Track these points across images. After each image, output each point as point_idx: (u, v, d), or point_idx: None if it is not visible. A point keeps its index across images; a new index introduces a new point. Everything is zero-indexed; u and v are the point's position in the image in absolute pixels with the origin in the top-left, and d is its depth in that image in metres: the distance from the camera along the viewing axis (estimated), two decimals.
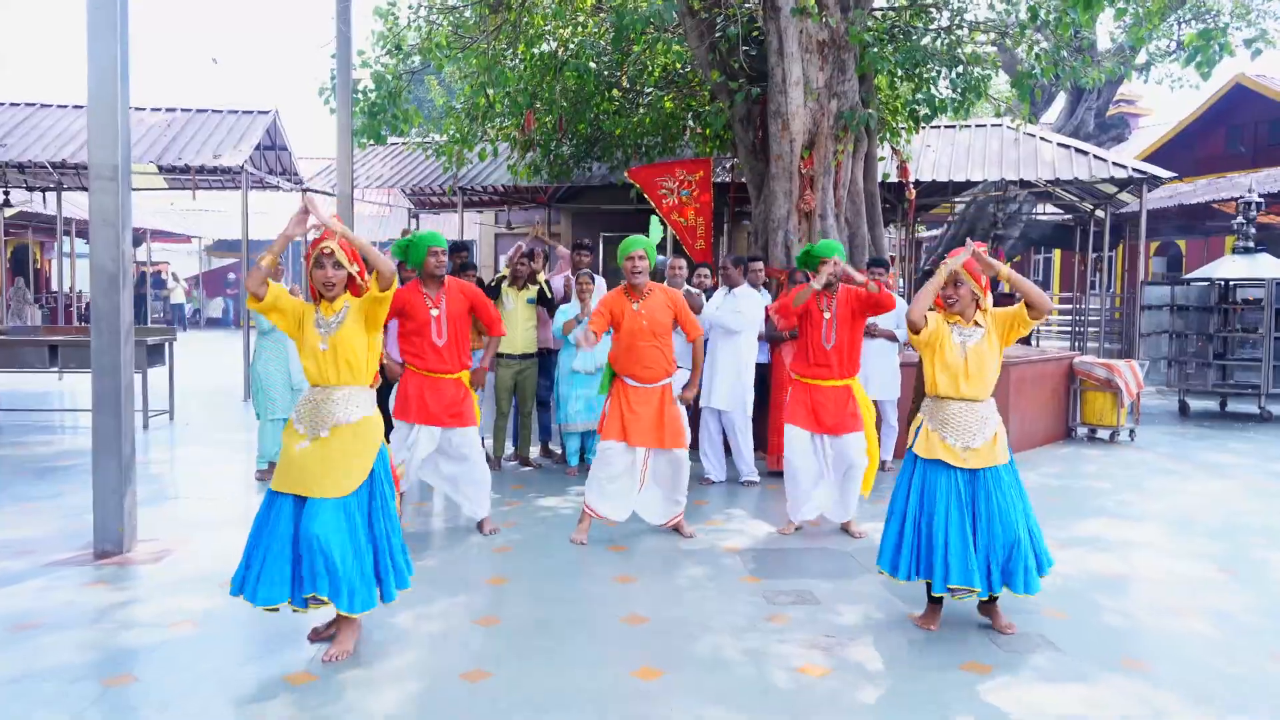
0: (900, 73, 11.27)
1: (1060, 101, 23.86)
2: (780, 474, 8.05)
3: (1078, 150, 14.13)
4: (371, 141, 12.53)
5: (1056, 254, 33.01)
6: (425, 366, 6.26)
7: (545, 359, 9.04)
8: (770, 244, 10.74)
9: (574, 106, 12.32)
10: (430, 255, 6.23)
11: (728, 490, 7.91)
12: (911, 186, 12.93)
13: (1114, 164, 13.58)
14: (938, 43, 10.72)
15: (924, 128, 12.98)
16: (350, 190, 11.53)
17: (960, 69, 10.70)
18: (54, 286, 33.05)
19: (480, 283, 8.89)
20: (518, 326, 8.56)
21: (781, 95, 10.30)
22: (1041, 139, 14.66)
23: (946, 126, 15.19)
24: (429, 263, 6.25)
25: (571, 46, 11.65)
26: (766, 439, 8.68)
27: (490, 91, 11.74)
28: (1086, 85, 12.17)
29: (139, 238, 32.96)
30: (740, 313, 7.92)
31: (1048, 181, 15.64)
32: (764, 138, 10.98)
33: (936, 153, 14.63)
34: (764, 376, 8.50)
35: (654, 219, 6.57)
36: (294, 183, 16.52)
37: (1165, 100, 65.36)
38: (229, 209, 39.04)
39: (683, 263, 8.59)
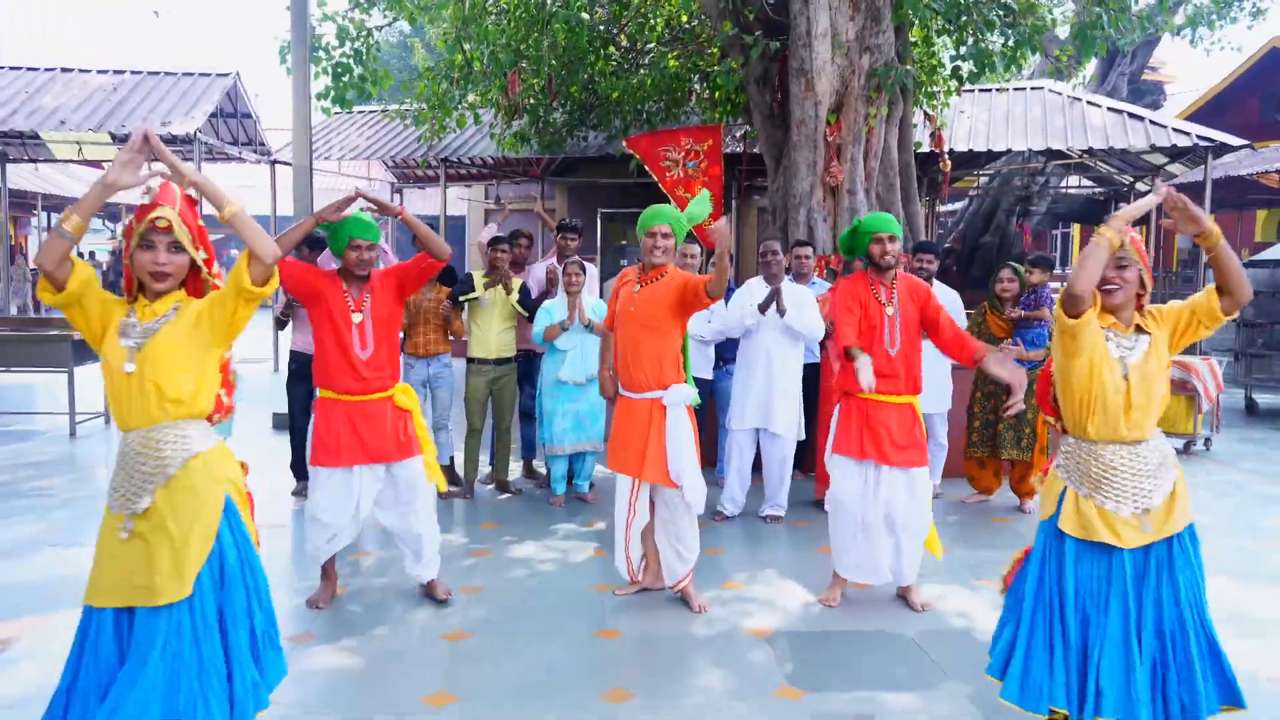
0: (941, 24, 9.77)
1: (1091, 66, 22.30)
2: (821, 506, 6.72)
3: (1131, 115, 12.61)
4: (337, 107, 11.06)
5: (1075, 229, 31.42)
6: (345, 388, 4.80)
7: (527, 362, 7.61)
8: (790, 224, 9.29)
9: (565, 66, 10.79)
10: (351, 249, 4.76)
11: (745, 531, 6.49)
12: (946, 157, 11.43)
13: (1174, 129, 12.05)
14: None
15: (963, 90, 11.46)
16: (308, 162, 10.05)
17: (1011, 19, 9.17)
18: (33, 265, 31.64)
19: (449, 270, 7.45)
20: (492, 326, 7.12)
21: (805, 49, 8.80)
22: (1089, 103, 13.14)
23: (981, 90, 13.66)
24: (349, 258, 4.78)
25: None
26: (811, 460, 7.27)
27: (467, 47, 10.21)
28: (1125, 46, 10.66)
29: (115, 214, 31.49)
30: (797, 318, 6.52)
31: (1082, 152, 14.12)
32: (784, 100, 9.50)
33: (971, 119, 13.12)
34: (809, 379, 7.05)
35: (703, 192, 5.08)
36: (260, 154, 15.03)
37: (1193, 67, 63.14)
38: (243, 182, 37.57)
39: (696, 249, 7.15)
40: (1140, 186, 17.03)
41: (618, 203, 16.50)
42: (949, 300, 6.99)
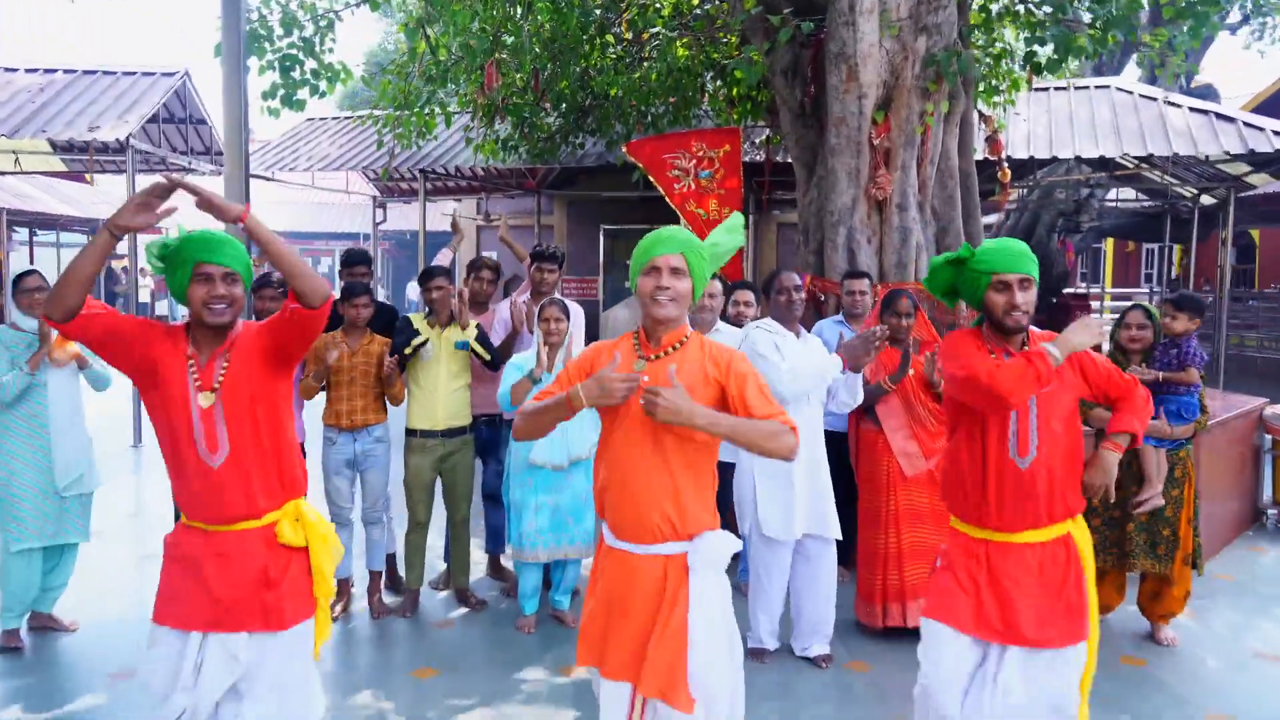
0: (1009, 2, 8.00)
1: (1133, 69, 20.53)
2: (869, 630, 4.96)
3: (1220, 116, 10.78)
4: (286, 108, 9.31)
5: (1108, 244, 29.51)
6: (195, 512, 3.06)
7: (490, 429, 5.83)
8: (827, 246, 7.53)
9: (553, 57, 9.03)
10: (197, 282, 2.98)
11: (789, 680, 4.66)
12: (1005, 166, 9.63)
13: (1275, 133, 10.19)
14: None
15: (1032, 88, 9.67)
16: (242, 172, 8.26)
17: None
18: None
19: (382, 311, 5.68)
20: (439, 385, 5.34)
21: (848, 29, 7.05)
22: (1168, 103, 11.31)
23: (1038, 89, 11.85)
24: (193, 298, 3.01)
25: None
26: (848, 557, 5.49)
27: (431, 33, 8.44)
28: (1196, 45, 8.87)
29: (97, 229, 29.81)
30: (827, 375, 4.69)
31: (1138, 160, 12.30)
32: (818, 95, 7.75)
33: (1029, 122, 11.30)
34: (837, 451, 5.26)
35: (735, 216, 3.25)
36: (217, 164, 13.29)
37: (1232, 73, 60.70)
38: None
39: (718, 285, 5.39)
40: (1206, 200, 15.20)
41: (623, 218, 14.75)
42: None
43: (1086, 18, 7.71)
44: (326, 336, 5.29)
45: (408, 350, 5.22)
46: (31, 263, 30.75)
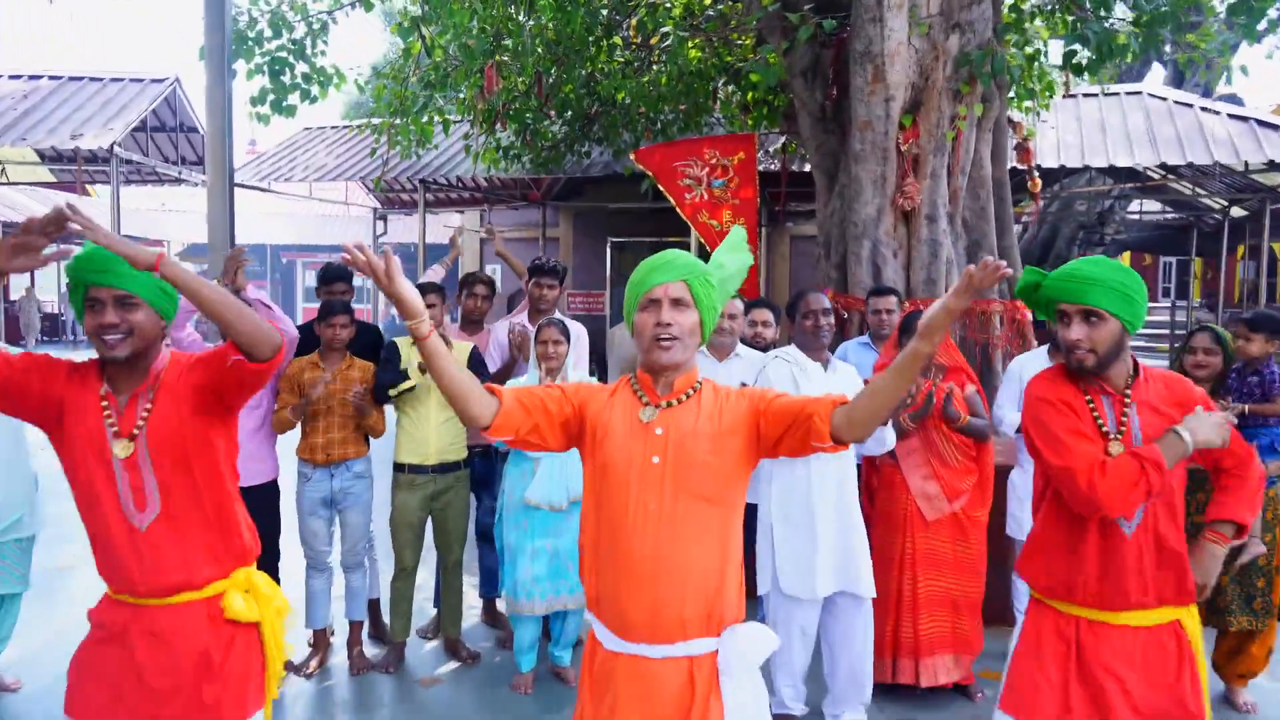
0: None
1: (1156, 74, 20.01)
2: (896, 690, 4.42)
3: (1262, 123, 10.23)
4: (276, 114, 8.82)
5: (1125, 259, 28.91)
6: (121, 583, 2.55)
7: (485, 463, 5.30)
8: (850, 259, 7.00)
9: (556, 60, 8.52)
10: (89, 308, 2.44)
11: None
12: (1035, 176, 9.10)
13: None
14: None
15: (1069, 92, 9.13)
16: (225, 182, 7.76)
17: None
18: (10, 296, 29.85)
19: (366, 332, 5.16)
20: (430, 415, 4.81)
21: (874, 26, 6.52)
22: (1204, 110, 10.76)
23: (1066, 95, 11.31)
24: (87, 327, 2.47)
25: None
26: None
27: (426, 32, 7.93)
28: (1252, 43, 8.31)
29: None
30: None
31: (1165, 169, 11.76)
32: (840, 98, 7.22)
33: (1058, 130, 10.76)
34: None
35: (737, 230, 2.70)
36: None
37: (1254, 82, 59.94)
38: (199, 208, 35.70)
39: (736, 305, 4.85)
40: (1236, 212, 14.65)
41: (630, 230, 14.26)
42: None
43: (1122, 16, 7.18)
44: (302, 361, 4.77)
45: (393, 393, 4.69)
46: (33, 279, 30.45)
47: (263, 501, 4.67)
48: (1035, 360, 5.09)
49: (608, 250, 14.87)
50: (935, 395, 4.41)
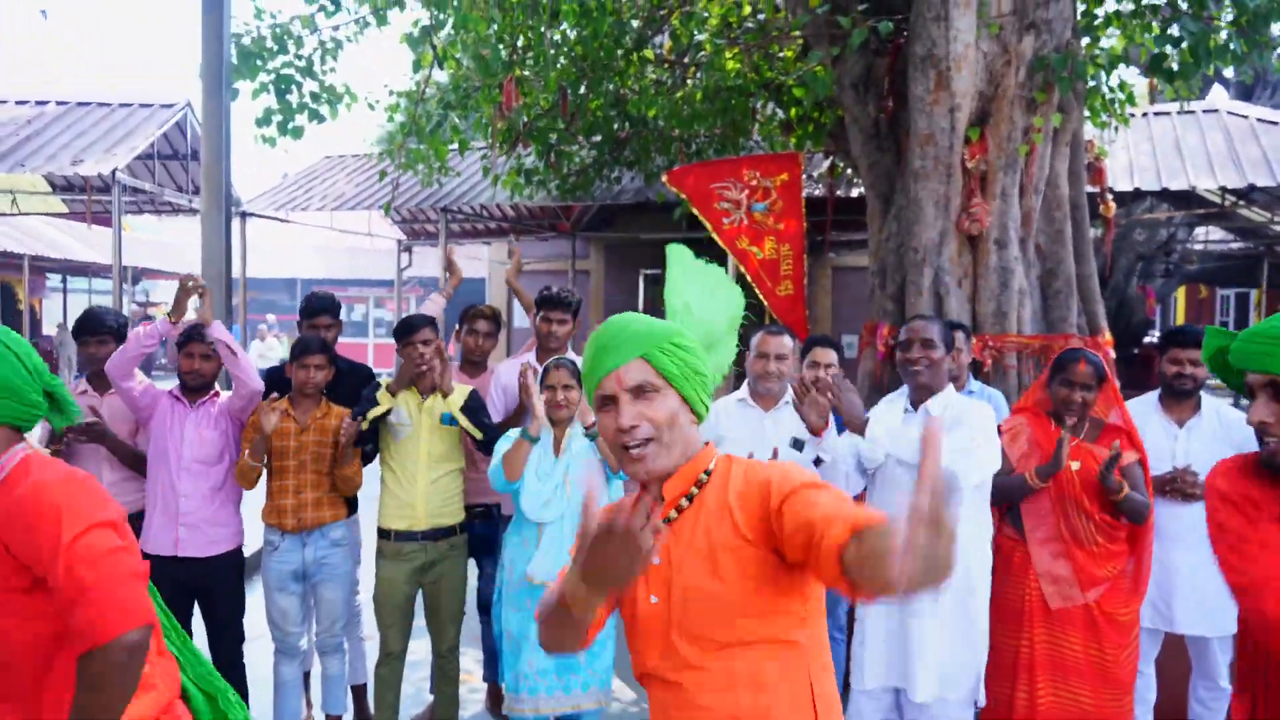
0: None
1: (1218, 95, 19.06)
2: None
3: None
4: (283, 136, 8.21)
5: (1181, 292, 27.84)
6: None
7: (485, 525, 4.53)
8: (909, 289, 6.23)
9: (582, 75, 7.83)
10: None
11: None
12: (1109, 199, 8.28)
13: None
14: None
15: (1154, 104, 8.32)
16: (221, 210, 7.10)
17: None
18: (44, 330, 29.71)
19: (353, 372, 4.44)
20: (420, 474, 4.05)
21: (938, 25, 5.77)
22: None
23: (1139, 114, 10.50)
24: None
25: None
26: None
27: (438, 40, 7.27)
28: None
29: (135, 275, 29.14)
30: (967, 453, 3.34)
31: (1235, 196, 10.88)
32: (897, 110, 6.47)
33: (1130, 150, 9.93)
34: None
35: (676, 251, 2.09)
36: None
37: None
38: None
39: (787, 343, 4.05)
40: None
41: (665, 262, 13.56)
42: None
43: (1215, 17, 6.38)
44: (263, 404, 4.03)
45: (364, 424, 3.94)
46: (65, 311, 30.28)
47: (223, 574, 3.97)
48: (1138, 410, 4.27)
49: (640, 283, 14.19)
50: (1082, 453, 3.59)
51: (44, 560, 1.69)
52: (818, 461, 3.69)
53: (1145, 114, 10.65)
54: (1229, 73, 14.32)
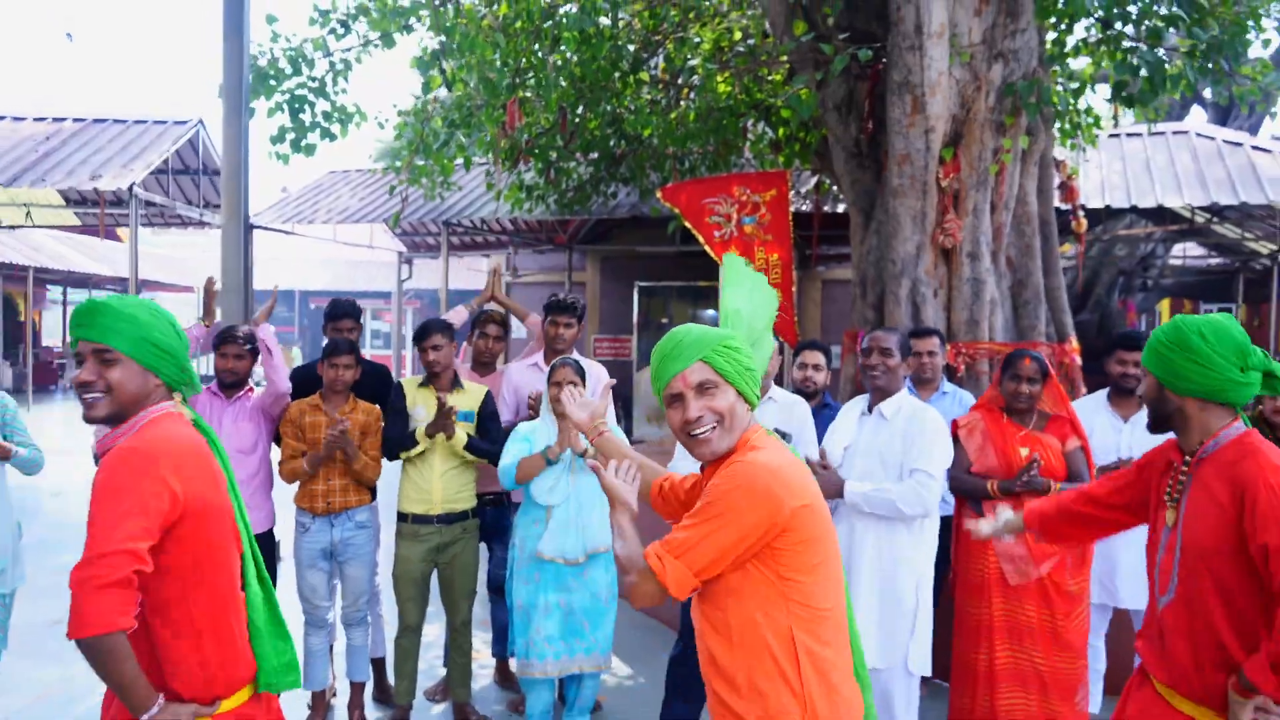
0: (1093, 27, 7.15)
1: (1195, 116, 19.55)
2: None
3: None
4: (296, 154, 8.62)
5: (1164, 305, 28.30)
6: None
7: (495, 512, 4.94)
8: (887, 299, 6.66)
9: (581, 95, 8.28)
10: (76, 363, 2.22)
11: None
12: (1080, 216, 8.71)
13: None
14: None
15: (1116, 127, 8.78)
16: (239, 223, 7.53)
17: (1198, 16, 6.50)
18: (44, 341, 30.04)
19: (374, 374, 4.86)
20: (435, 463, 4.47)
21: (913, 54, 6.22)
22: (1255, 148, 10.37)
23: (1110, 135, 10.97)
24: (73, 384, 2.25)
25: (575, 1, 7.64)
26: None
27: (447, 65, 7.71)
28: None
29: (135, 288, 29.47)
30: (924, 476, 3.75)
31: (1209, 213, 11.34)
32: (876, 131, 6.91)
33: (1103, 169, 10.39)
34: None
35: (732, 262, 2.45)
36: None
37: None
38: (214, 254, 35.95)
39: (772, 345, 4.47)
40: None
41: (658, 274, 14.03)
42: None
43: (1173, 47, 6.85)
44: (303, 403, 4.46)
45: (403, 456, 4.38)
46: (64, 323, 30.56)
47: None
48: (1089, 406, 4.72)
49: (635, 295, 14.60)
50: (1039, 447, 4.06)
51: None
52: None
53: (1118, 135, 11.12)
54: (1208, 93, 14.82)
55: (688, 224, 7.63)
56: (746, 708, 2.03)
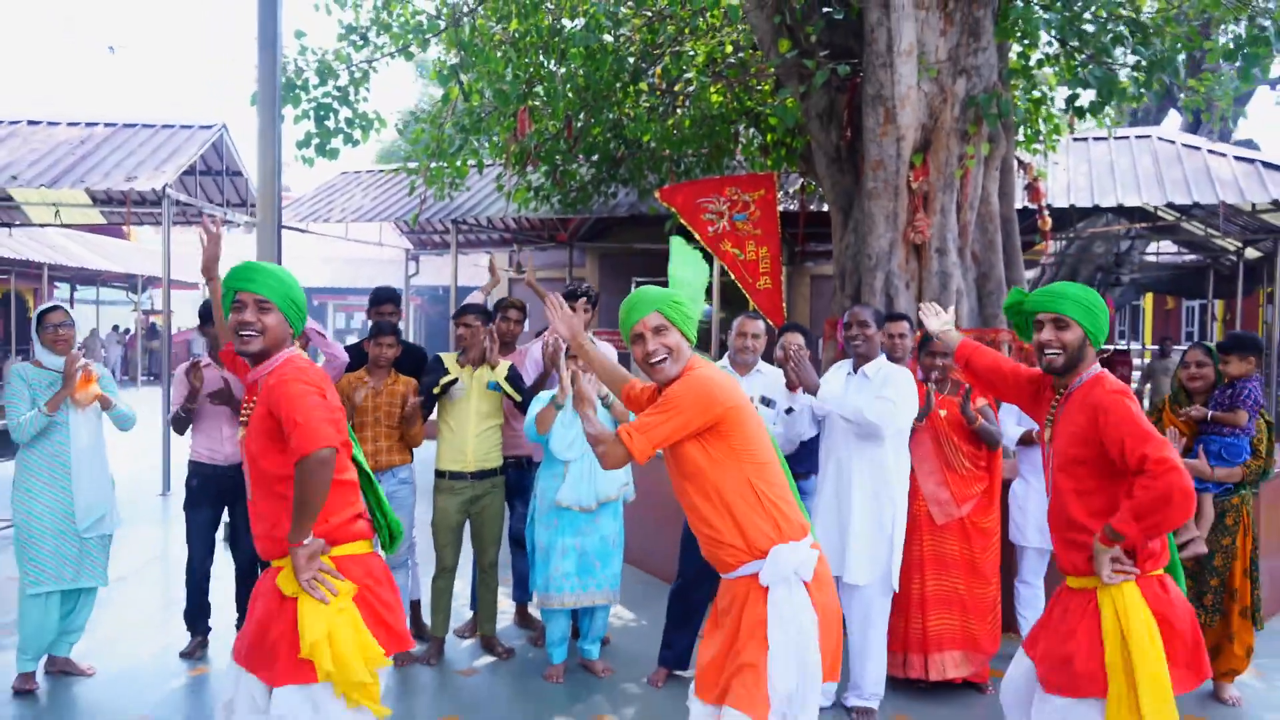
0: (1051, 44, 7.90)
1: (1172, 121, 20.32)
2: (912, 685, 4.84)
3: (1268, 165, 10.58)
4: (320, 157, 9.34)
5: (1147, 299, 29.11)
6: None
7: (518, 473, 5.67)
8: (864, 290, 7.38)
9: (585, 105, 9.01)
10: (234, 308, 2.97)
11: None
12: (1045, 214, 9.47)
13: None
14: (1111, 1, 7.28)
15: (1073, 133, 9.52)
16: (274, 222, 8.23)
17: (1141, 36, 7.26)
18: None
19: (411, 352, 5.59)
20: (469, 426, 5.20)
21: (885, 70, 6.95)
22: (1211, 152, 11.14)
23: (1077, 139, 11.73)
24: (230, 324, 2.99)
25: (581, 19, 8.37)
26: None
27: (464, 78, 8.45)
28: (1246, 87, 8.65)
29: (142, 285, 30.18)
30: (889, 401, 4.50)
31: (1178, 213, 12.10)
32: (854, 138, 7.64)
33: (1069, 172, 11.16)
34: None
35: (677, 243, 3.31)
36: (253, 216, 13.37)
37: (1273, 130, 60.20)
38: (233, 251, 36.45)
39: (760, 325, 5.20)
40: (1251, 253, 14.94)
41: (655, 270, 14.73)
42: None
43: (1129, 61, 7.59)
44: (351, 376, 5.19)
45: (436, 390, 5.09)
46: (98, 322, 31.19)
47: None
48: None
49: (632, 290, 15.31)
50: (934, 397, 4.80)
51: (282, 410, 2.82)
52: (789, 411, 4.90)
53: (1085, 139, 11.87)
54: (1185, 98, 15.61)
55: (684, 222, 8.37)
56: (735, 539, 2.86)
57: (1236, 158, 10.94)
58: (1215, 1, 7.46)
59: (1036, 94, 8.51)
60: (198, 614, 5.26)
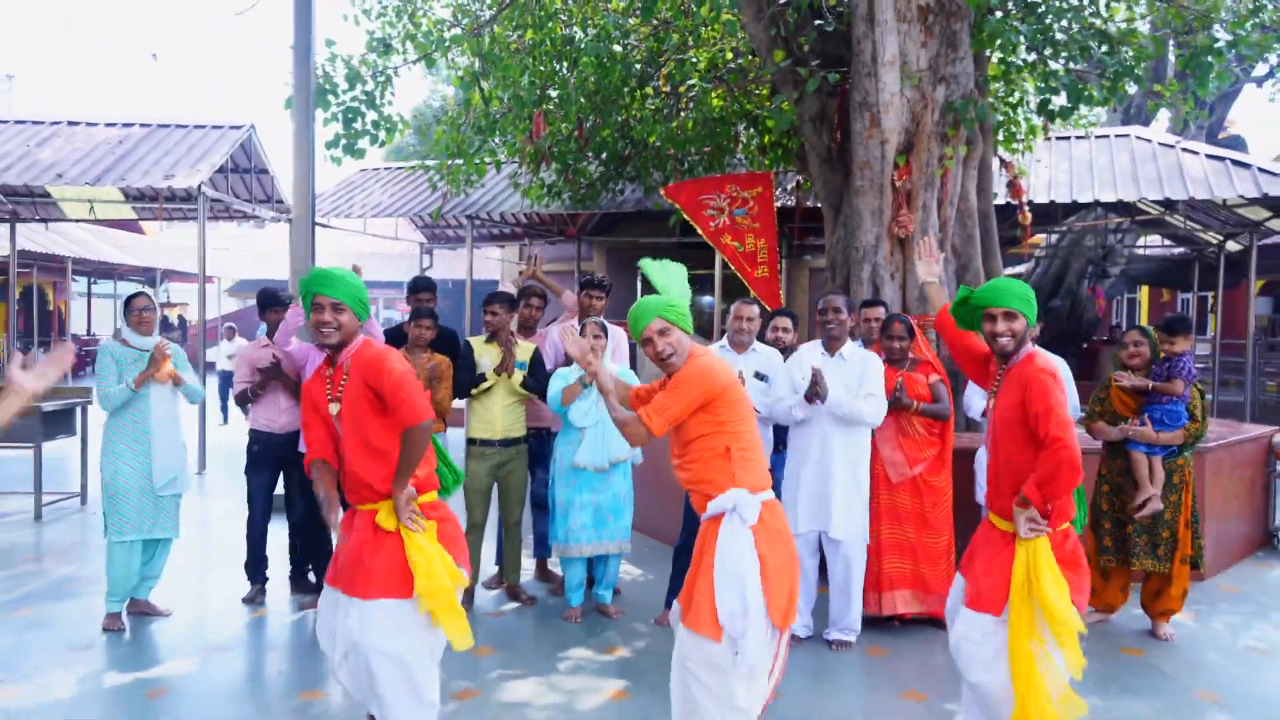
0: (1025, 53, 8.55)
1: (1162, 120, 21.03)
2: (885, 621, 5.52)
3: (1236, 163, 11.24)
4: (347, 156, 10.02)
5: (1143, 292, 29.70)
6: (346, 494, 3.80)
7: (539, 443, 6.35)
8: (852, 280, 8.04)
9: (596, 108, 9.69)
10: (314, 309, 3.64)
11: (806, 662, 5.11)
12: (1025, 209, 10.12)
13: None
14: (1080, 14, 7.95)
15: (1047, 133, 10.17)
16: (309, 217, 8.95)
17: (1108, 47, 7.92)
18: (72, 329, 31.27)
19: (444, 334, 6.27)
20: (496, 400, 5.89)
21: (870, 79, 7.61)
22: (1184, 150, 11.78)
23: (1059, 138, 12.38)
24: (311, 322, 3.67)
25: (592, 29, 9.05)
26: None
27: (484, 85, 9.14)
28: (1204, 96, 9.31)
29: (155, 279, 30.96)
30: (877, 399, 5.23)
31: (1161, 206, 12.75)
32: (844, 141, 8.30)
33: (1051, 169, 11.81)
34: None
35: (646, 264, 3.84)
36: (279, 211, 14.08)
37: (1263, 127, 60.92)
38: (248, 246, 37.18)
39: (754, 310, 5.86)
40: (1232, 246, 15.57)
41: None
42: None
43: (1097, 69, 8.25)
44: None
45: (474, 392, 5.80)
46: (89, 315, 31.98)
47: None
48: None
49: (638, 283, 15.97)
50: (904, 390, 5.49)
51: (386, 388, 3.52)
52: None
53: (1067, 138, 12.53)
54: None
55: (687, 217, 9.05)
56: (708, 488, 3.49)
57: (1208, 155, 11.58)
58: (1177, 14, 8.12)
59: (1014, 97, 9.16)
60: (257, 564, 5.96)
